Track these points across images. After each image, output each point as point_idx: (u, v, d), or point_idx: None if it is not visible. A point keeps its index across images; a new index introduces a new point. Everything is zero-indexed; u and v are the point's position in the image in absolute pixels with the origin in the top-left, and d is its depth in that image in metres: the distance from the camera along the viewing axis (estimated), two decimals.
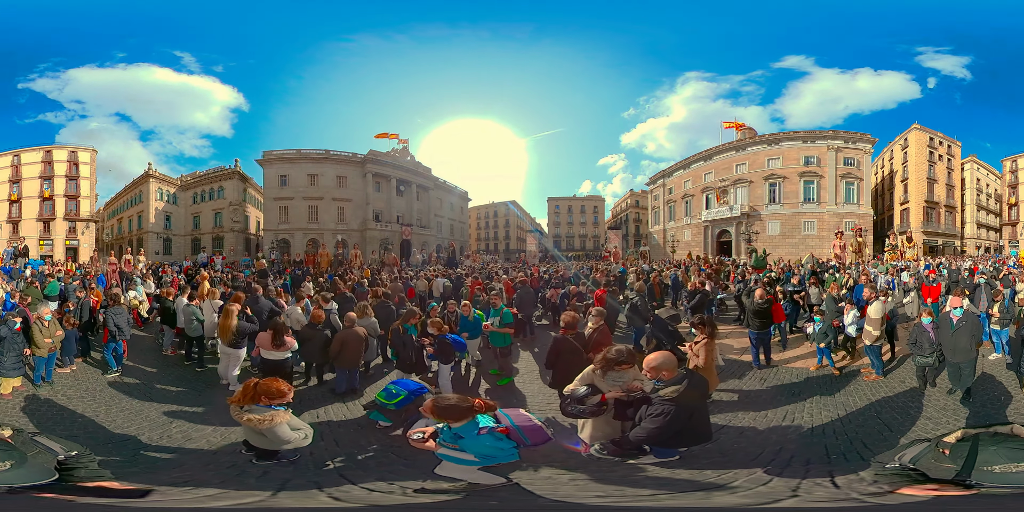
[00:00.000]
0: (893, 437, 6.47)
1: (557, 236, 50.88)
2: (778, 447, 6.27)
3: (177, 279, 17.24)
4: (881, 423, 6.99)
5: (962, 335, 7.73)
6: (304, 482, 5.39)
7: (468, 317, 9.76)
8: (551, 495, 4.86)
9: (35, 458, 4.48)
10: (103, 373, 9.37)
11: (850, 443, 6.36)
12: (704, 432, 5.33)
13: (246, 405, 5.53)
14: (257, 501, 4.79)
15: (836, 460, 5.89)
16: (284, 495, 5.01)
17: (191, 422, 7.36)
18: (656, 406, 4.98)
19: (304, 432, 5.79)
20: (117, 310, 9.85)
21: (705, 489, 4.93)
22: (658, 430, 4.95)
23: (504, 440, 4.94)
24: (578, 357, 6.93)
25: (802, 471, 5.44)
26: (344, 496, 5.00)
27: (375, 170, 37.87)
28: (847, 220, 32.72)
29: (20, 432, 5.02)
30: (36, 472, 4.28)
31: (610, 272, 18.97)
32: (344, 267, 23.51)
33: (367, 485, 5.28)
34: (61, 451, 4.84)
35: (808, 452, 6.14)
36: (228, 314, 8.81)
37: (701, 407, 5.33)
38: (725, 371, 9.63)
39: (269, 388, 5.57)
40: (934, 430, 6.54)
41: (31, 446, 4.71)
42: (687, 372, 5.23)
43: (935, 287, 12.97)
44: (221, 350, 9.11)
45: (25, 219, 35.29)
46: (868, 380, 8.75)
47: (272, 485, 5.25)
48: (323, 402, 8.17)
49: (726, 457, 5.94)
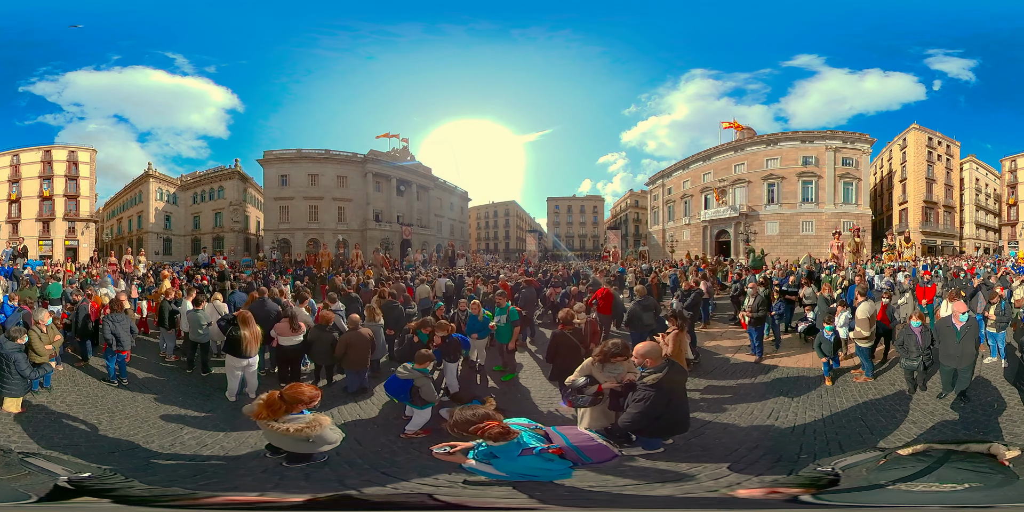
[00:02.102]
0: (872, 439, 6.58)
1: (557, 236, 50.96)
2: (755, 444, 6.42)
3: (177, 280, 17.28)
4: (863, 425, 7.07)
5: (969, 341, 7.63)
6: (359, 481, 5.50)
7: (478, 317, 9.79)
8: (539, 489, 4.95)
9: (18, 481, 3.88)
10: (104, 381, 8.98)
11: (826, 443, 6.47)
12: (682, 420, 5.75)
13: (280, 417, 5.38)
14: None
15: (804, 459, 6.01)
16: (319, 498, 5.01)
17: (203, 428, 7.26)
18: (639, 392, 5.44)
19: (339, 431, 5.82)
20: (118, 317, 9.09)
21: (674, 480, 5.15)
22: (640, 415, 5.37)
23: (556, 461, 4.75)
24: (575, 351, 7.43)
25: (765, 468, 5.61)
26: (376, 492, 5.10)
27: (375, 170, 37.93)
28: (845, 220, 32.78)
29: (8, 453, 4.64)
30: (11, 495, 3.59)
31: (610, 272, 19.08)
32: (344, 267, 23.59)
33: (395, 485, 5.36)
34: (64, 472, 4.19)
35: (781, 450, 6.29)
36: (247, 321, 8.25)
37: (680, 394, 5.75)
38: (716, 369, 9.77)
39: (301, 394, 5.51)
40: (917, 433, 6.63)
41: (18, 468, 4.17)
42: (668, 361, 5.66)
43: (930, 288, 13.04)
44: (234, 364, 8.37)
45: (24, 219, 35.33)
46: (857, 381, 8.83)
47: (328, 486, 5.33)
48: (337, 402, 8.26)
49: (705, 452, 6.20)
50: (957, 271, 16.98)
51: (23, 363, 7.41)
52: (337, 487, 5.43)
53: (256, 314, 9.38)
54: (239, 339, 8.15)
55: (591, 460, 5.08)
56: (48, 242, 35.63)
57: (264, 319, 9.26)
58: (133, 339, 9.46)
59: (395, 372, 7.17)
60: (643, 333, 9.85)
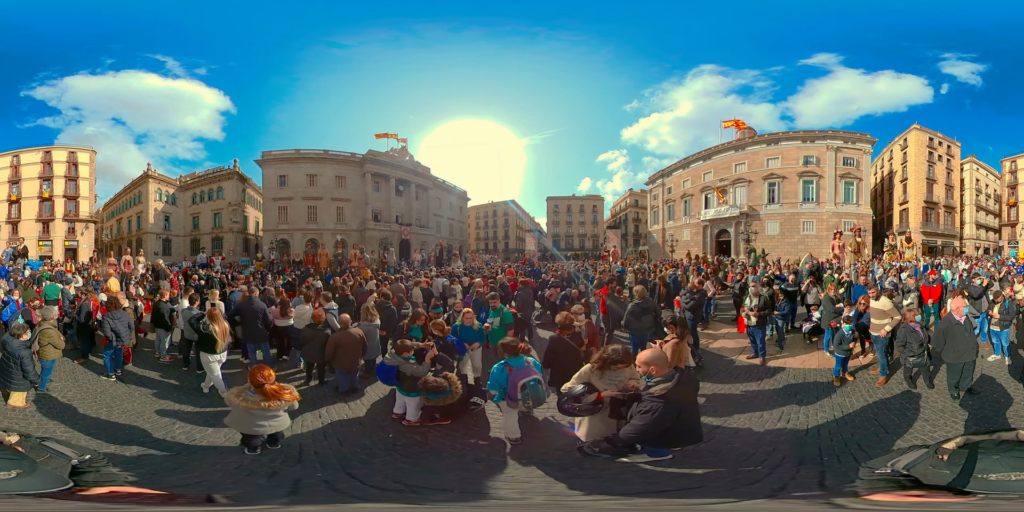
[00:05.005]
0: (889, 439, 6.46)
1: (556, 235, 50.90)
2: (771, 447, 6.28)
3: (176, 280, 17.22)
4: (878, 425, 6.98)
5: (972, 334, 7.79)
6: (314, 481, 5.43)
7: (472, 326, 8.91)
8: (543, 494, 4.89)
9: (45, 464, 4.31)
10: (103, 375, 9.22)
11: (844, 445, 6.36)
12: (694, 432, 5.33)
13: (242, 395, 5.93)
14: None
15: (828, 462, 5.89)
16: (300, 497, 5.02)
17: (194, 424, 7.38)
18: (645, 403, 5.02)
19: (286, 419, 6.24)
20: (117, 314, 9.35)
21: (692, 488, 4.96)
22: (647, 427, 4.97)
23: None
24: (574, 356, 7.14)
25: (792, 472, 5.46)
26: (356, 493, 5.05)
27: (374, 170, 37.87)
28: (846, 220, 32.71)
29: (28, 438, 4.92)
30: (46, 480, 4.08)
31: (609, 271, 18.99)
32: (342, 268, 23.51)
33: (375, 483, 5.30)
34: (74, 455, 4.67)
35: (801, 453, 6.15)
36: (215, 317, 8.47)
37: (691, 405, 5.33)
38: (721, 372, 9.65)
39: (252, 375, 6.03)
40: (931, 433, 6.53)
41: (40, 452, 4.54)
42: (677, 370, 5.24)
43: (935, 288, 12.95)
44: (215, 360, 8.51)
45: (24, 220, 35.27)
46: (879, 385, 8.55)
47: (284, 484, 5.30)
48: (326, 402, 8.19)
49: (718, 457, 5.97)
50: (963, 273, 16.93)
51: (28, 360, 7.64)
52: (300, 485, 5.35)
53: (245, 312, 9.78)
54: (211, 336, 8.34)
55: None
56: (48, 242, 35.57)
57: (252, 317, 9.69)
58: (132, 335, 9.74)
59: (384, 359, 7.57)
60: (642, 336, 9.77)
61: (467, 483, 5.37)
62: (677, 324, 7.48)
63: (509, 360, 6.31)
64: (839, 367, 8.95)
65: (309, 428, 7.17)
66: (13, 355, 7.50)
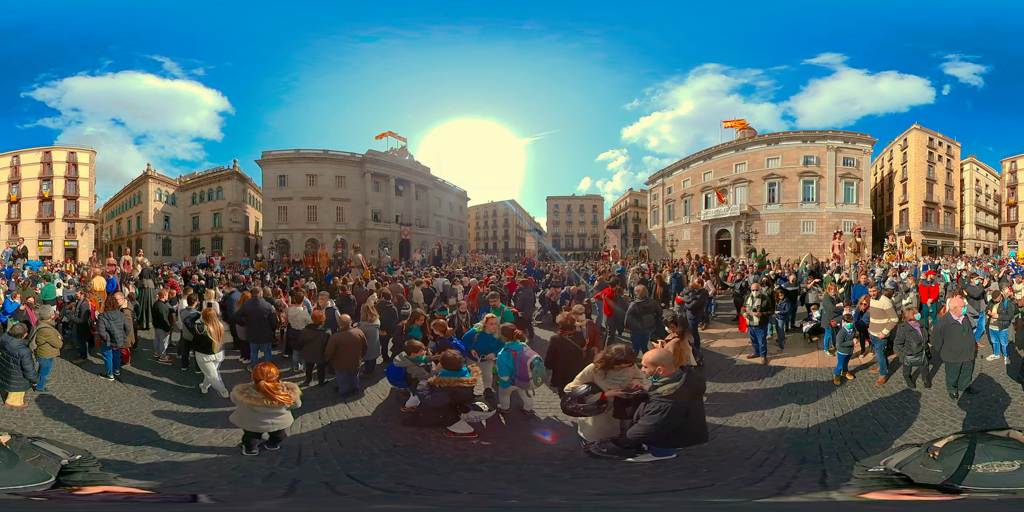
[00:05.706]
0: (888, 438, 6.51)
1: (556, 235, 50.84)
2: (772, 446, 6.29)
3: (174, 280, 17.18)
4: (877, 423, 7.01)
5: (971, 334, 7.82)
6: (313, 482, 5.43)
7: (493, 334, 7.91)
8: (550, 493, 4.89)
9: (35, 464, 4.27)
10: (101, 375, 9.22)
11: (844, 443, 6.38)
12: (700, 432, 5.33)
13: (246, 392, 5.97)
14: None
15: (829, 460, 5.92)
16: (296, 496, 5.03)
17: (192, 424, 7.37)
18: (653, 403, 5.01)
19: (289, 416, 6.25)
20: (113, 315, 9.22)
21: (700, 487, 4.96)
22: (655, 427, 4.97)
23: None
24: (576, 356, 7.14)
25: (794, 470, 5.47)
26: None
27: (374, 170, 37.84)
28: (846, 220, 32.71)
29: (18, 437, 4.91)
30: (32, 479, 4.01)
31: (611, 272, 18.95)
32: (342, 268, 23.48)
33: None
34: (64, 455, 4.65)
35: (803, 452, 6.16)
36: (211, 318, 8.48)
37: (697, 405, 5.34)
38: (722, 372, 9.66)
39: (256, 372, 6.08)
40: (930, 431, 6.56)
41: (30, 451, 4.52)
42: (684, 369, 5.23)
43: (933, 287, 12.96)
44: (210, 360, 8.50)
45: (24, 220, 35.23)
46: (878, 384, 8.57)
47: (281, 485, 5.30)
48: (326, 403, 8.18)
49: (722, 456, 5.99)
50: (960, 272, 16.92)
51: (28, 360, 7.67)
52: (299, 485, 5.35)
53: (251, 312, 9.79)
54: (206, 336, 8.34)
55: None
56: (48, 243, 35.54)
57: (258, 317, 9.75)
58: (127, 336, 9.62)
59: (393, 361, 7.72)
60: (643, 335, 9.76)
61: (473, 484, 5.36)
62: (678, 323, 7.51)
63: (510, 345, 6.97)
64: (841, 365, 8.95)
65: (309, 429, 7.17)
66: (12, 355, 7.53)
